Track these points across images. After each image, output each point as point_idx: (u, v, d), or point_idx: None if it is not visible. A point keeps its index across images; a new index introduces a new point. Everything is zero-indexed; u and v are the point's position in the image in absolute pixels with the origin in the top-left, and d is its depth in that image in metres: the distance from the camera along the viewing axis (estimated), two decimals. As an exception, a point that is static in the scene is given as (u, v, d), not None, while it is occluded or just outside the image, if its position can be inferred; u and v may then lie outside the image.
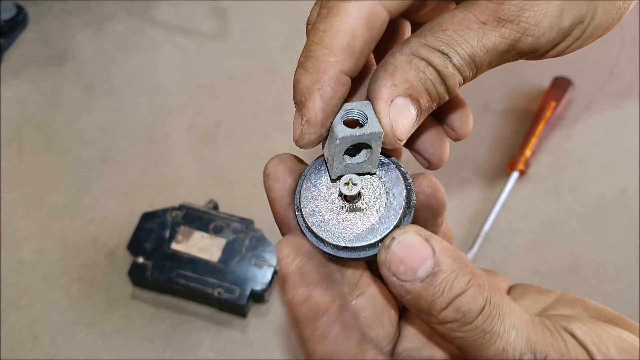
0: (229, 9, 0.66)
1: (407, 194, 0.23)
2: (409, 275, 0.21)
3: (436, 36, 0.22)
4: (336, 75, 0.22)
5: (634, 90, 0.62)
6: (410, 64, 0.22)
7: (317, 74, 0.23)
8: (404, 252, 0.21)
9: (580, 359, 0.21)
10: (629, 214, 0.54)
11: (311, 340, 0.22)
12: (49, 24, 0.64)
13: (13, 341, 0.46)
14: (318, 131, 0.24)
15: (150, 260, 0.47)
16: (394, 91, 0.22)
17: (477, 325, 0.21)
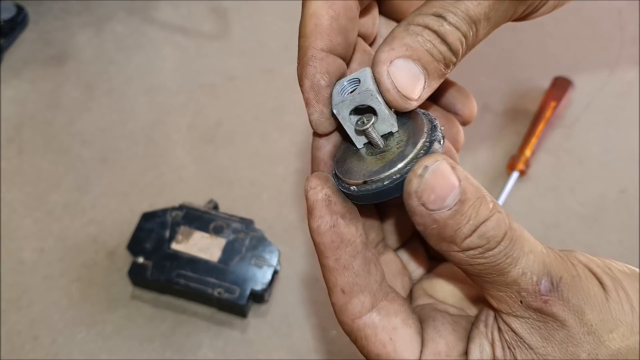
0: (229, 9, 0.66)
1: (430, 129, 0.23)
2: (438, 204, 0.21)
3: (430, 5, 0.23)
4: (312, 54, 0.23)
5: (633, 90, 0.62)
6: (408, 31, 0.23)
7: (300, 60, 0.24)
8: (435, 180, 0.21)
9: (590, 280, 0.22)
10: (629, 214, 0.54)
11: (334, 270, 0.23)
12: (49, 24, 0.64)
13: (13, 341, 0.46)
14: (317, 109, 0.24)
15: (150, 260, 0.47)
16: (392, 54, 0.23)
17: (499, 251, 0.21)
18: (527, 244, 0.22)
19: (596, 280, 0.22)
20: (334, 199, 0.23)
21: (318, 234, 0.23)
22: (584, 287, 0.22)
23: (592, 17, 0.68)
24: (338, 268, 0.23)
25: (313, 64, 0.23)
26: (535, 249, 0.22)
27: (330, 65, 0.24)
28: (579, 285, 0.22)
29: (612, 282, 0.22)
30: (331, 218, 0.23)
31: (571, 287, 0.22)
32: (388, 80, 0.23)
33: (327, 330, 0.48)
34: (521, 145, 0.56)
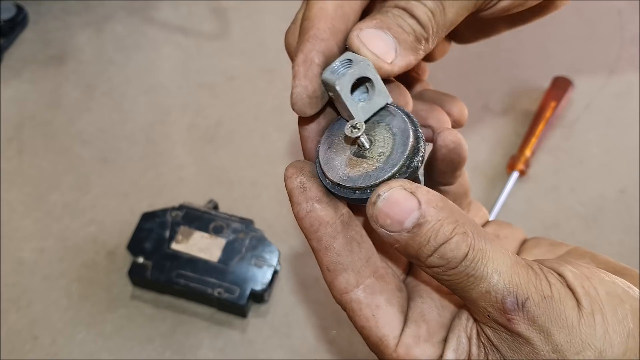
0: (228, 9, 0.66)
1: (410, 152, 0.24)
2: (396, 227, 0.22)
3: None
4: (314, 33, 0.25)
5: (633, 90, 0.62)
6: (379, 11, 0.25)
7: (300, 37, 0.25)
8: (389, 207, 0.22)
9: (564, 301, 0.22)
10: (629, 214, 0.54)
11: (318, 251, 0.25)
12: (49, 24, 0.64)
13: (13, 341, 0.46)
14: (302, 83, 0.26)
15: (150, 260, 0.47)
16: (362, 26, 0.24)
17: (460, 270, 0.22)
18: (493, 263, 0.22)
19: (573, 301, 0.22)
20: (308, 185, 0.25)
21: (298, 219, 0.25)
22: (555, 307, 0.22)
23: (592, 18, 0.68)
24: (320, 249, 0.25)
25: (313, 41, 0.24)
26: (502, 268, 0.22)
27: (327, 48, 0.25)
28: (549, 305, 0.22)
29: (591, 305, 0.22)
30: (307, 204, 0.24)
31: (539, 307, 0.22)
32: (364, 49, 0.24)
33: (327, 330, 0.48)
34: (521, 145, 0.56)
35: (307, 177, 0.25)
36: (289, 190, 0.25)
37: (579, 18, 0.68)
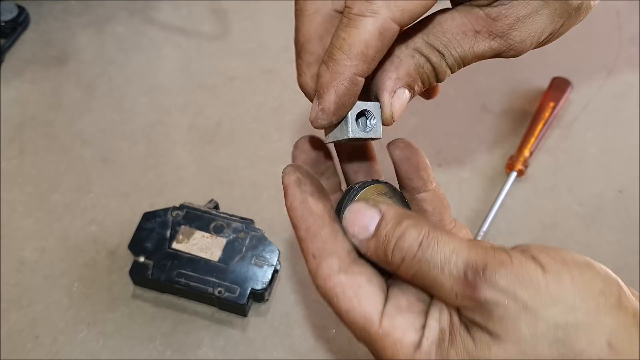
0: (229, 10, 0.67)
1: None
2: (363, 233, 0.26)
3: (437, 36, 0.27)
4: (350, 77, 0.26)
5: (632, 91, 0.62)
6: (413, 59, 0.27)
7: (335, 73, 0.26)
8: (354, 216, 0.26)
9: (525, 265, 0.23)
10: (627, 214, 0.55)
11: (306, 240, 0.27)
12: (50, 24, 0.64)
13: (14, 340, 0.47)
14: (329, 119, 0.28)
15: (151, 259, 0.47)
16: (397, 83, 0.27)
17: (420, 257, 0.24)
18: (449, 245, 0.24)
19: (537, 265, 0.23)
20: (304, 180, 0.28)
21: (291, 209, 0.28)
22: (516, 271, 0.23)
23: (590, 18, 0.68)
24: (308, 237, 0.27)
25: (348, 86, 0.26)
26: (459, 249, 0.24)
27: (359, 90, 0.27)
28: (509, 270, 0.23)
29: (556, 267, 0.23)
30: (301, 195, 0.27)
31: (499, 272, 0.23)
32: (389, 111, 0.28)
33: (327, 329, 0.48)
34: (520, 146, 0.57)
35: (304, 175, 0.28)
36: (286, 184, 0.28)
37: (577, 19, 0.68)
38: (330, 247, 0.27)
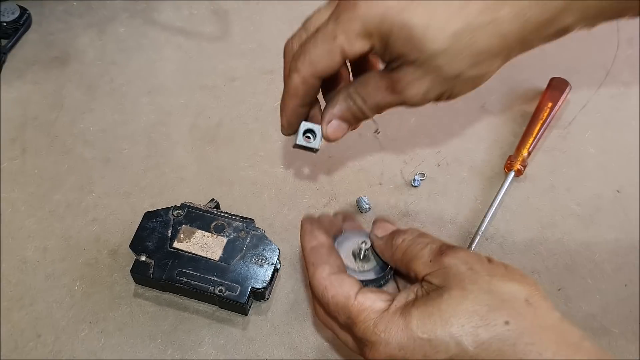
0: (229, 11, 0.67)
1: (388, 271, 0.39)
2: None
3: (362, 88, 0.37)
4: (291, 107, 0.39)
5: (629, 91, 0.63)
6: (346, 101, 0.38)
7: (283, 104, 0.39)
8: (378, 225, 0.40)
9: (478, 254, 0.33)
10: (625, 213, 0.55)
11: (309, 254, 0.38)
12: (52, 25, 0.65)
13: (16, 339, 0.47)
14: (285, 132, 0.40)
15: (153, 258, 0.48)
16: (331, 116, 0.38)
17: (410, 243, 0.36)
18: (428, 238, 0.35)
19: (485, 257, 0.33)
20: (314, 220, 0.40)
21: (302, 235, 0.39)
22: (472, 253, 0.33)
23: (588, 19, 0.69)
24: (311, 252, 0.37)
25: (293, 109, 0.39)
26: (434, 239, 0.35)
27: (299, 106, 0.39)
28: (467, 251, 0.33)
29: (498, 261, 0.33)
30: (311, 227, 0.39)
31: (460, 250, 0.33)
32: (326, 134, 0.39)
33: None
34: (518, 146, 0.57)
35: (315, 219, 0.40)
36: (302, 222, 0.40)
37: (575, 20, 0.68)
38: (325, 259, 0.37)
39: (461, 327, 0.30)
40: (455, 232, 0.54)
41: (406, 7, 0.32)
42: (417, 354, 0.31)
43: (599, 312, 0.50)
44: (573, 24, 0.34)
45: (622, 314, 0.50)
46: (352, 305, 0.34)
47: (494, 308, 0.30)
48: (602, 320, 0.49)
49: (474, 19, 0.32)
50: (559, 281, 0.51)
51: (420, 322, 0.31)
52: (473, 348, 0.30)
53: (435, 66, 0.33)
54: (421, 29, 0.32)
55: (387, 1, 0.32)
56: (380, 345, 0.32)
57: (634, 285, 0.51)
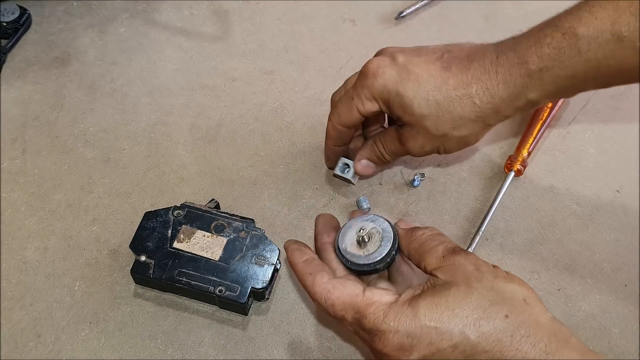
0: (230, 11, 0.67)
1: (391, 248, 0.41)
2: None
3: (383, 138, 0.48)
4: (329, 147, 0.51)
5: (629, 91, 0.63)
6: (372, 146, 0.49)
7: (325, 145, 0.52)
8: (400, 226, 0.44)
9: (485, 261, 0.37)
10: (625, 213, 0.55)
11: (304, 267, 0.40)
12: (52, 25, 0.65)
13: (16, 339, 0.47)
14: (327, 165, 0.54)
15: (153, 258, 0.48)
16: (361, 157, 0.50)
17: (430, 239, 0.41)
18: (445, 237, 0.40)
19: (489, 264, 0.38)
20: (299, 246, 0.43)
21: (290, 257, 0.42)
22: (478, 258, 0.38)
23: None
24: (305, 264, 0.40)
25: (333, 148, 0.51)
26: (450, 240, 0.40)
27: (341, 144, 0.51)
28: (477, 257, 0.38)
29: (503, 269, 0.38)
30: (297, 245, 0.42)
31: (471, 253, 0.38)
32: (357, 170, 0.50)
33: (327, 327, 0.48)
34: (518, 146, 0.57)
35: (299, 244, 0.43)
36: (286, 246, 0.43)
37: (576, 20, 0.68)
38: (321, 269, 0.40)
39: (465, 317, 0.34)
40: (455, 232, 0.54)
41: (400, 81, 0.43)
42: (424, 340, 0.34)
43: (599, 312, 0.50)
44: (537, 99, 0.41)
45: (622, 314, 0.50)
46: (361, 301, 0.36)
47: (496, 303, 0.34)
48: (602, 320, 0.49)
49: (451, 92, 0.42)
50: (559, 281, 0.51)
51: (427, 311, 0.34)
52: (475, 337, 0.33)
53: (424, 127, 0.43)
54: (410, 98, 0.42)
55: (388, 74, 0.43)
56: (390, 333, 0.35)
57: (634, 285, 0.51)
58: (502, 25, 0.68)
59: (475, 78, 0.41)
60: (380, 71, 0.43)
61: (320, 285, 0.38)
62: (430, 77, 0.42)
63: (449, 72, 0.42)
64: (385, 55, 0.45)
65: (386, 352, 0.35)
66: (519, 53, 0.40)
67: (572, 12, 0.39)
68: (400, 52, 0.44)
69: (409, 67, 0.43)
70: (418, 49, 0.45)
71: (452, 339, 0.34)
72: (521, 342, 0.33)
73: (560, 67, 0.39)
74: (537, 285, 0.51)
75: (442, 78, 0.42)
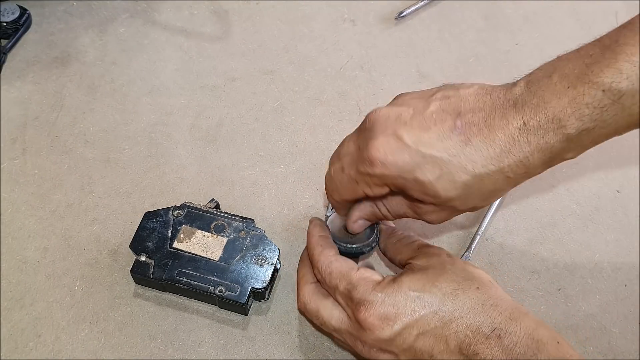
0: (229, 11, 0.67)
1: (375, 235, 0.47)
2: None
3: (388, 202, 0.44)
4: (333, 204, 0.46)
5: (629, 91, 0.63)
6: (372, 207, 0.45)
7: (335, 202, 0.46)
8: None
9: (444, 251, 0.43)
10: (625, 213, 0.55)
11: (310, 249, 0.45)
12: (52, 25, 0.65)
13: (16, 339, 0.47)
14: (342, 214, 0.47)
15: (153, 258, 0.48)
16: (356, 217, 0.45)
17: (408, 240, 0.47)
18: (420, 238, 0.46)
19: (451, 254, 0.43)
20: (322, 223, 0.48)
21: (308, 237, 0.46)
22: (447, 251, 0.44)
23: (588, 19, 0.69)
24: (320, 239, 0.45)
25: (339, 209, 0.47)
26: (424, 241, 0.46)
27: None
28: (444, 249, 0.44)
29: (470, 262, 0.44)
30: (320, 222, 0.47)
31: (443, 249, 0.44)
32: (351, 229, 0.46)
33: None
34: (518, 146, 0.57)
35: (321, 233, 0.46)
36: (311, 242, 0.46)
37: (575, 19, 0.68)
38: (331, 246, 0.45)
39: (444, 288, 0.39)
40: (455, 232, 0.54)
41: (417, 167, 0.37)
42: (408, 308, 0.38)
43: (598, 312, 0.50)
44: (574, 157, 0.38)
45: (622, 314, 0.50)
46: (354, 274, 0.41)
47: (468, 279, 0.40)
48: (602, 320, 0.49)
49: (480, 169, 0.36)
50: (559, 281, 0.51)
51: (411, 284, 0.39)
52: (452, 304, 0.38)
53: (450, 206, 0.39)
54: (433, 183, 0.37)
55: (401, 162, 0.37)
56: (376, 303, 0.39)
57: (633, 285, 0.51)
58: (502, 25, 0.68)
59: (505, 151, 0.36)
60: (390, 160, 0.37)
61: (325, 256, 0.43)
62: (452, 157, 0.36)
63: (471, 146, 0.36)
64: (387, 136, 0.37)
65: (370, 321, 0.38)
66: (552, 116, 0.34)
67: (608, 63, 0.33)
68: (402, 126, 0.37)
69: (422, 150, 0.36)
70: (419, 114, 0.37)
71: (432, 307, 0.38)
72: (490, 310, 0.38)
73: (602, 126, 0.35)
74: (537, 285, 0.51)
75: (465, 156, 0.36)
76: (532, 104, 0.35)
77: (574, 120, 0.34)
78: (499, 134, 0.35)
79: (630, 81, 0.33)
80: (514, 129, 0.35)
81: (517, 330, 0.38)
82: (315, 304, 0.43)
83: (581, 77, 0.34)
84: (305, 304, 0.43)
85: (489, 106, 0.36)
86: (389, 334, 0.38)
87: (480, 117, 0.36)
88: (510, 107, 0.36)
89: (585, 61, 0.34)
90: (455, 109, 0.37)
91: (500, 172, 0.36)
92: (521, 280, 0.51)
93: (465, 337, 0.38)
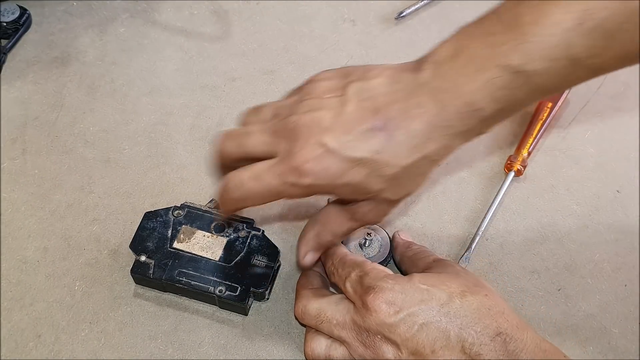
0: (230, 11, 0.67)
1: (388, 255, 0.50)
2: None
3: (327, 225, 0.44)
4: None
5: (629, 91, 0.63)
6: (316, 238, 0.44)
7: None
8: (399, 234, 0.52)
9: None
10: (625, 214, 0.55)
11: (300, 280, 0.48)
12: (52, 25, 0.65)
13: (16, 339, 0.47)
14: None
15: (153, 258, 0.48)
16: (305, 252, 0.45)
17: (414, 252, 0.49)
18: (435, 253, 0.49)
19: None
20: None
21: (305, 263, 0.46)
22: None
23: (588, 19, 0.69)
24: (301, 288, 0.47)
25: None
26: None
27: None
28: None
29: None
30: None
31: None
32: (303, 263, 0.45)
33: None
34: (518, 146, 0.57)
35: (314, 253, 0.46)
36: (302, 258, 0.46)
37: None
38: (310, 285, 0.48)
39: (454, 288, 0.40)
40: (455, 232, 0.54)
41: (345, 172, 0.37)
42: (416, 297, 0.39)
43: (599, 312, 0.50)
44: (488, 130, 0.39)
45: (622, 314, 0.50)
46: (368, 264, 0.42)
47: (479, 285, 0.41)
48: (602, 320, 0.49)
49: (405, 161, 0.37)
50: (559, 281, 0.51)
51: (422, 279, 0.40)
52: (460, 303, 0.39)
53: (383, 198, 0.39)
54: (363, 182, 0.37)
55: (328, 168, 0.36)
56: (386, 289, 0.39)
57: (634, 285, 0.51)
58: (502, 25, 0.67)
59: (427, 139, 0.36)
60: (318, 170, 0.36)
61: (341, 249, 0.46)
62: (377, 155, 0.36)
63: (394, 140, 0.36)
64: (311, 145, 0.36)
65: (377, 304, 0.39)
66: (467, 100, 0.35)
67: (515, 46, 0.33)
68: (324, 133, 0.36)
69: (347, 154, 0.36)
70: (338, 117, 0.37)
71: (439, 300, 0.39)
72: (497, 316, 0.39)
73: (515, 102, 0.35)
74: (537, 285, 0.51)
75: (390, 152, 0.36)
76: (445, 89, 0.35)
77: (489, 102, 0.35)
78: (419, 125, 0.35)
79: (540, 61, 0.33)
80: (432, 116, 0.35)
81: (524, 338, 0.38)
82: (317, 303, 0.43)
83: (490, 59, 0.34)
84: (305, 305, 0.44)
85: (403, 96, 0.36)
86: (393, 319, 0.38)
87: (397, 110, 0.36)
88: (424, 94, 0.35)
89: (489, 40, 0.34)
90: (373, 104, 0.36)
91: (425, 159, 0.37)
92: (521, 280, 0.51)
93: (469, 336, 0.38)
